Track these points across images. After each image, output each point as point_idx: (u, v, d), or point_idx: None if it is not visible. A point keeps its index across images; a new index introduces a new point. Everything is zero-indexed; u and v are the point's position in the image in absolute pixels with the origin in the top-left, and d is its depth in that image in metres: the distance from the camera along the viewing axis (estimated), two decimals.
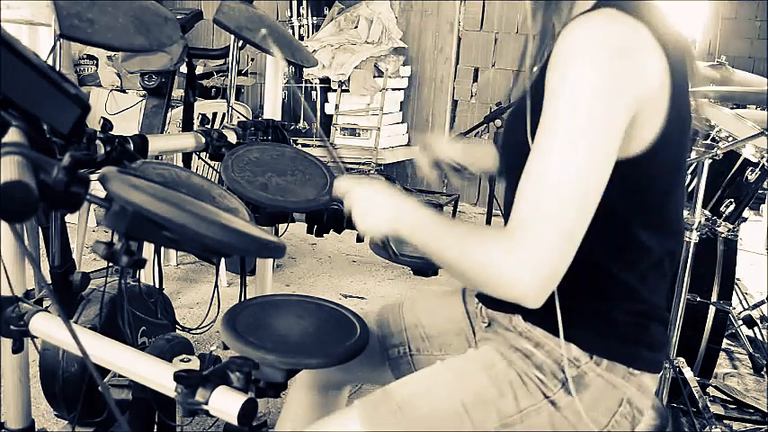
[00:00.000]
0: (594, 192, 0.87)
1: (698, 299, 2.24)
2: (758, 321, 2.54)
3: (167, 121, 2.28)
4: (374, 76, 4.75)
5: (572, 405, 0.98)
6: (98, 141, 1.35)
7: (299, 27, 5.10)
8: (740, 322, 2.55)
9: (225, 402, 0.89)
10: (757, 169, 2.17)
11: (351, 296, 3.27)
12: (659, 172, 0.97)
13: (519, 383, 0.99)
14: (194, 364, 0.97)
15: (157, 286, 1.86)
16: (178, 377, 0.90)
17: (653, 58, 0.90)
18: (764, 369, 2.61)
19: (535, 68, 1.06)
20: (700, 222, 2.01)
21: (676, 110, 0.93)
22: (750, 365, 2.71)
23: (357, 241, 1.81)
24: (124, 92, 4.07)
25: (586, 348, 0.99)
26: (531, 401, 0.98)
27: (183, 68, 2.18)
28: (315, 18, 5.10)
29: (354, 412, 1.00)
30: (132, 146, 1.46)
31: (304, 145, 4.77)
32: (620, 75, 0.87)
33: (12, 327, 1.12)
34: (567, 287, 0.90)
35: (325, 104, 4.93)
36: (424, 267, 1.35)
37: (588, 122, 0.86)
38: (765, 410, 2.33)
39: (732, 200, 2.20)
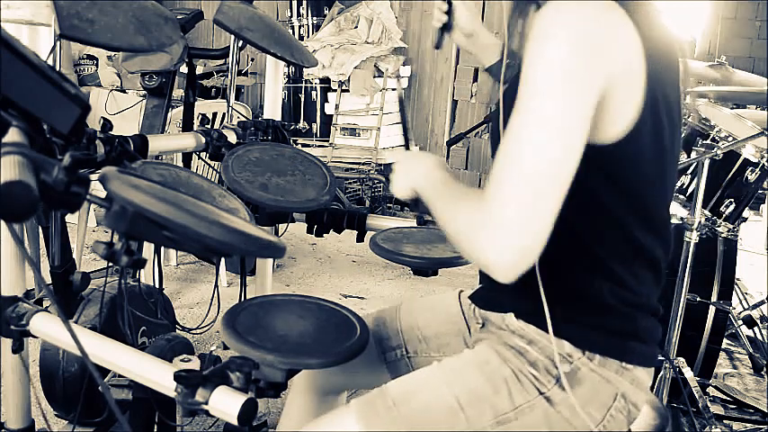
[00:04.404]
0: (565, 174, 0.87)
1: (698, 299, 2.24)
2: (758, 321, 2.55)
3: (167, 121, 2.28)
4: (374, 76, 4.75)
5: (567, 401, 0.98)
6: (98, 141, 1.36)
7: (299, 27, 5.10)
8: (740, 322, 2.55)
9: (225, 402, 0.89)
10: (757, 169, 2.17)
11: (351, 296, 3.27)
12: (636, 160, 0.96)
13: (513, 380, 1.00)
14: (194, 364, 0.97)
15: (157, 286, 1.86)
16: (178, 377, 0.91)
17: (625, 39, 0.90)
18: (764, 369, 2.61)
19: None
20: (700, 222, 2.01)
21: (651, 98, 0.93)
22: (750, 365, 2.71)
23: (357, 241, 1.81)
24: (124, 92, 4.07)
25: (578, 344, 0.99)
26: (526, 398, 0.99)
27: (184, 68, 2.18)
28: (315, 18, 5.09)
29: (350, 410, 1.00)
30: (132, 146, 1.46)
31: (304, 145, 4.77)
32: (587, 54, 0.87)
33: (12, 327, 1.13)
34: (555, 280, 0.92)
35: (325, 104, 4.93)
36: (424, 267, 1.35)
37: (557, 106, 0.86)
38: (765, 410, 2.33)
39: (732, 200, 2.20)
